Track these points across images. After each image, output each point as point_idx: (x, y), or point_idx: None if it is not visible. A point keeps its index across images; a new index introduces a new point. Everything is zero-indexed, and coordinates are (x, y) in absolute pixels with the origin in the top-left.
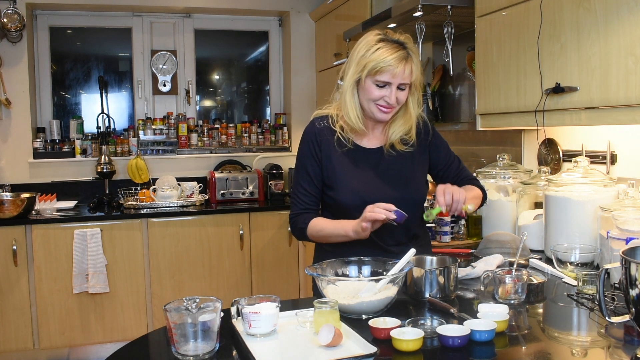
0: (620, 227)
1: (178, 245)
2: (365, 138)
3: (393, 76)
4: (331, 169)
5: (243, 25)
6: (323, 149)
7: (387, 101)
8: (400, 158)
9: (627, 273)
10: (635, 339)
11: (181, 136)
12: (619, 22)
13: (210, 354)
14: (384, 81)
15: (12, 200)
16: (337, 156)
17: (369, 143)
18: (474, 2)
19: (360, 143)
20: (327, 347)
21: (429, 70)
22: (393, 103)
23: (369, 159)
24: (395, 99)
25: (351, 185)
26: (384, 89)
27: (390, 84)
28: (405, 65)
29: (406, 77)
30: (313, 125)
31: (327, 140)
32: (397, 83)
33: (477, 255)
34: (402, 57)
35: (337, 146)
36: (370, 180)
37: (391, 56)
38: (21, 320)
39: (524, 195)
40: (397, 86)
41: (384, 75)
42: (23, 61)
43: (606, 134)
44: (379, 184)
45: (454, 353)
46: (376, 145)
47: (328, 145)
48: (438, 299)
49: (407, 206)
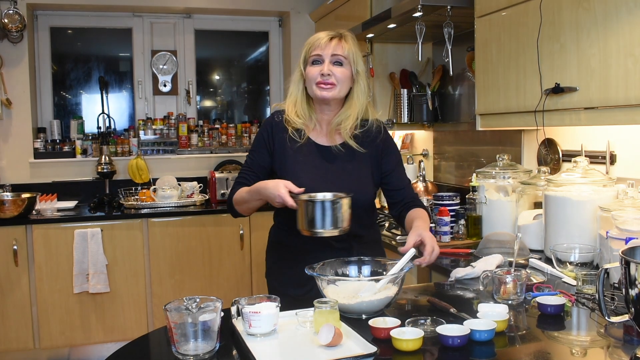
0: (620, 227)
1: (178, 245)
2: (318, 133)
3: (322, 49)
4: (282, 162)
5: (243, 25)
6: (276, 141)
7: (322, 73)
8: (350, 156)
9: (626, 273)
10: (634, 339)
11: (181, 136)
12: (619, 22)
13: (210, 353)
14: (316, 55)
15: (13, 200)
16: (289, 150)
17: (320, 139)
18: (474, 3)
19: (313, 138)
20: (327, 346)
21: (428, 71)
22: (327, 73)
23: (320, 154)
24: (330, 72)
25: (300, 180)
26: (319, 65)
27: (321, 57)
28: (335, 40)
29: (336, 48)
30: (272, 117)
31: (281, 134)
32: (329, 55)
33: (476, 255)
34: (333, 36)
35: (290, 141)
36: (318, 177)
37: (322, 34)
38: (22, 320)
39: (523, 195)
40: (331, 61)
41: (315, 50)
42: (24, 61)
43: (605, 134)
44: (327, 181)
45: (454, 353)
46: (327, 142)
47: (282, 139)
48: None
49: (352, 204)
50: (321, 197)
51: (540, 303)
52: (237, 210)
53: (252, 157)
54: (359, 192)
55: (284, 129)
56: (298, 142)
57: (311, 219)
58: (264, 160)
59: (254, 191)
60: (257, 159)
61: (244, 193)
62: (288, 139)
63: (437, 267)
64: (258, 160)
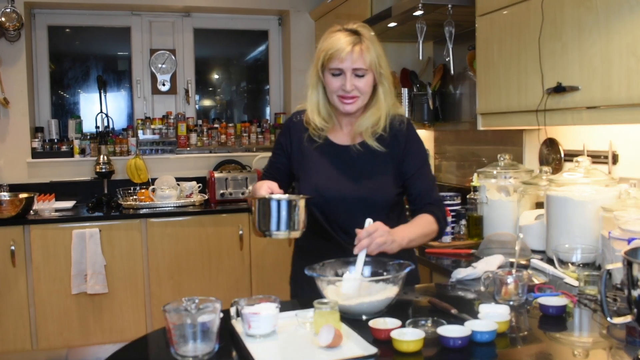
0: (622, 227)
1: (177, 246)
2: (338, 134)
3: (341, 61)
4: (300, 162)
5: (243, 24)
6: (294, 142)
7: (344, 89)
8: (370, 156)
9: (629, 273)
10: (637, 340)
11: (180, 136)
12: (621, 21)
13: (209, 354)
14: (336, 68)
15: (10, 200)
16: (307, 150)
17: (340, 139)
18: (475, 1)
19: (333, 139)
20: (327, 347)
21: (429, 70)
22: (350, 90)
23: (338, 155)
24: (353, 86)
25: (313, 180)
26: (340, 77)
27: (343, 70)
28: (353, 48)
29: (357, 60)
30: (291, 118)
31: (300, 134)
32: (350, 68)
33: (478, 255)
34: (350, 42)
35: (308, 142)
36: (333, 177)
37: (339, 42)
38: (19, 320)
39: (525, 195)
40: (353, 73)
41: (334, 61)
42: (21, 60)
43: (608, 133)
44: (341, 181)
45: (455, 354)
46: (347, 142)
47: (300, 139)
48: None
49: (368, 206)
50: (276, 197)
51: (541, 304)
52: None
53: (272, 159)
54: (378, 193)
55: (303, 129)
56: (316, 143)
57: (264, 219)
58: (281, 163)
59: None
60: (275, 161)
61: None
62: (306, 138)
63: (438, 267)
64: (275, 163)
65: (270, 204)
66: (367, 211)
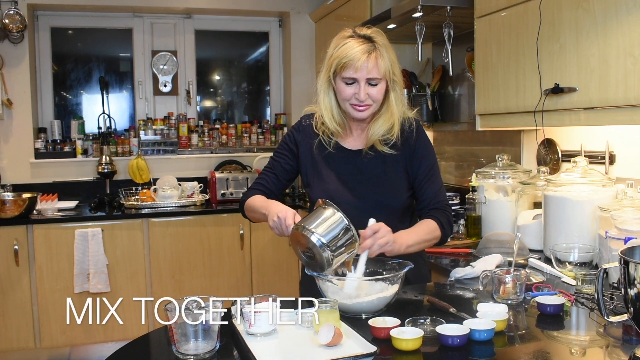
0: (619, 226)
1: (179, 245)
2: (349, 138)
3: (356, 70)
4: (311, 169)
5: (243, 25)
6: (304, 147)
7: (358, 98)
8: (380, 160)
9: (625, 273)
10: (633, 338)
11: (182, 136)
12: (618, 22)
13: (210, 353)
14: (349, 77)
15: (14, 200)
16: (317, 157)
17: (350, 144)
18: (474, 3)
19: (343, 143)
20: (327, 346)
21: (428, 71)
22: (364, 100)
23: (349, 160)
24: (367, 95)
25: (325, 185)
26: (353, 86)
27: (357, 79)
28: (368, 58)
29: (372, 70)
30: (300, 121)
31: (310, 140)
32: (364, 78)
33: (476, 255)
34: (365, 50)
35: (319, 148)
36: (344, 182)
37: (353, 50)
38: (22, 319)
39: (523, 195)
40: (366, 82)
41: (348, 71)
42: (24, 62)
43: (605, 134)
44: (353, 187)
45: (454, 352)
46: (357, 147)
47: (309, 145)
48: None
49: (380, 211)
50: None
51: (539, 303)
52: (246, 216)
53: (275, 159)
54: (389, 198)
55: (313, 134)
56: (327, 149)
57: (327, 232)
58: (287, 164)
59: (265, 208)
60: (280, 161)
61: (257, 204)
62: (316, 144)
63: (437, 267)
64: (281, 163)
65: (345, 230)
66: (381, 215)
